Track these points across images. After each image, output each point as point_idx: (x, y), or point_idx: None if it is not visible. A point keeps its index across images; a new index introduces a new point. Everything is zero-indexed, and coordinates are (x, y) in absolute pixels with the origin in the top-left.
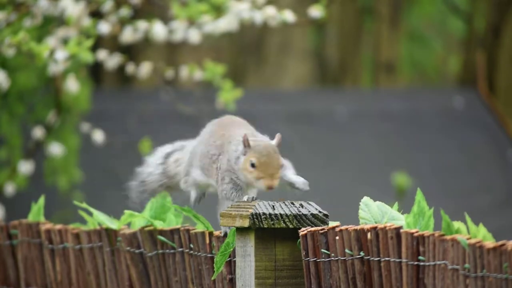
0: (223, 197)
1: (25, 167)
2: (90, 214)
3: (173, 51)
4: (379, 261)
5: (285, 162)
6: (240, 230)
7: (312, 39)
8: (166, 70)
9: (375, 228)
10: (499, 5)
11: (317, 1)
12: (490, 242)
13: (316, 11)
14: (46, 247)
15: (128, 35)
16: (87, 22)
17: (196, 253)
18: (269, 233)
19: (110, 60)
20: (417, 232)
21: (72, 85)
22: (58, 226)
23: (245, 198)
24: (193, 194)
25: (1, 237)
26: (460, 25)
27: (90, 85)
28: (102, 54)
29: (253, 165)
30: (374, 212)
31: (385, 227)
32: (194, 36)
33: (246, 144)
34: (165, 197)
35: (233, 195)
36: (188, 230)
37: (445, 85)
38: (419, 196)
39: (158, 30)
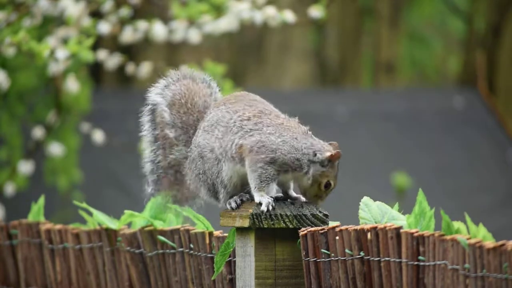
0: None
1: (25, 167)
2: (90, 214)
3: (173, 51)
4: (379, 261)
5: None
6: (240, 230)
7: (312, 39)
8: (166, 70)
9: (375, 228)
10: (499, 5)
11: (317, 1)
12: (490, 242)
13: (316, 11)
14: (46, 247)
15: (128, 35)
16: (87, 22)
17: (196, 253)
18: (269, 233)
19: (110, 60)
20: (417, 232)
21: (72, 85)
22: (58, 226)
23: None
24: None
25: (1, 237)
26: (460, 25)
27: (90, 85)
28: (102, 54)
29: (327, 186)
30: (374, 212)
31: (385, 227)
32: (194, 36)
33: (334, 159)
34: (166, 197)
35: (266, 181)
36: (188, 230)
37: (445, 85)
38: (421, 196)
39: (158, 30)
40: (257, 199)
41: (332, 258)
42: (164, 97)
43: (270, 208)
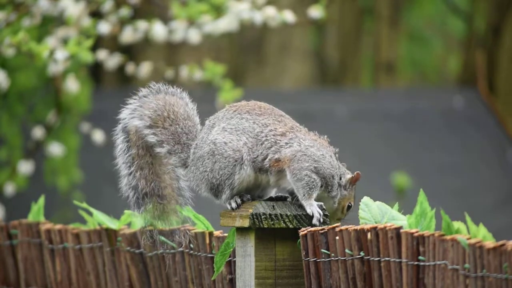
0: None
1: (25, 167)
2: (90, 214)
3: (173, 51)
4: (379, 261)
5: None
6: (240, 230)
7: (312, 39)
8: (166, 70)
9: (375, 228)
10: (499, 5)
11: (317, 1)
12: (490, 242)
13: (316, 11)
14: (46, 247)
15: (128, 35)
16: (87, 22)
17: (196, 253)
18: (269, 233)
19: (110, 60)
20: (417, 232)
21: (72, 85)
22: (58, 226)
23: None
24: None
25: (1, 237)
26: (460, 25)
27: (90, 85)
28: (102, 54)
29: (348, 208)
30: (374, 212)
31: (385, 227)
32: (194, 36)
33: (355, 181)
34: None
35: (311, 190)
36: (188, 230)
37: (445, 85)
38: (422, 197)
39: (158, 30)
40: (308, 210)
41: (332, 258)
42: (142, 119)
43: (321, 220)
